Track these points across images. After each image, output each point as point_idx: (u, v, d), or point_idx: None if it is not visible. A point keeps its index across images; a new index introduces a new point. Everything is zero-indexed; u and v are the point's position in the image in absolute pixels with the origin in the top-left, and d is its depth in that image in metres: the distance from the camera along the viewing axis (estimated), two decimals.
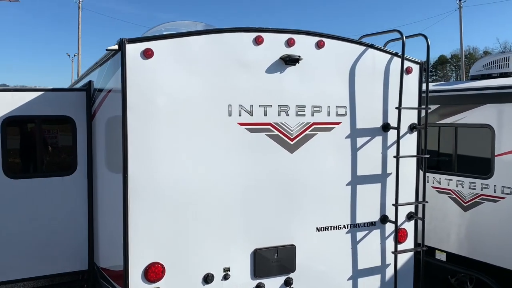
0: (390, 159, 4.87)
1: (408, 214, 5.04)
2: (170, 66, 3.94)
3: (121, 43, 3.76)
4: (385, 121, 4.85)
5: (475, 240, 5.98)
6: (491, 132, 5.76)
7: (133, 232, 3.90)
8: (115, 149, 4.25)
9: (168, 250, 4.03)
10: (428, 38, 4.99)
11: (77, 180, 5.69)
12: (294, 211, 4.49)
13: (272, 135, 4.37)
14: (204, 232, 4.15)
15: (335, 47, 4.56)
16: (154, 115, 3.92)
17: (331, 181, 4.63)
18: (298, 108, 4.46)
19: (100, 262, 5.37)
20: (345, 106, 4.67)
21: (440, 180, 6.41)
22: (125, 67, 3.79)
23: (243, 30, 4.20)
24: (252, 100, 4.26)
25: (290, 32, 4.37)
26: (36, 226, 5.56)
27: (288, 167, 4.44)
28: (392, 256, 4.91)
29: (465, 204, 6.08)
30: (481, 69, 8.19)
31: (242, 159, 4.26)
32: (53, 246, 5.64)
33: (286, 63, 4.34)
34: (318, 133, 4.56)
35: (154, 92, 3.90)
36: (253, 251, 4.34)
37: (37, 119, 5.62)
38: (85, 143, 5.68)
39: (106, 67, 4.65)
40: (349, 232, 4.76)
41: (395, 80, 4.83)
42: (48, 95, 5.64)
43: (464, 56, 42.39)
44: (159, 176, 3.97)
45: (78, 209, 5.69)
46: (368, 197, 4.82)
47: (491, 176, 5.75)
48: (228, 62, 4.15)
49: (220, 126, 4.16)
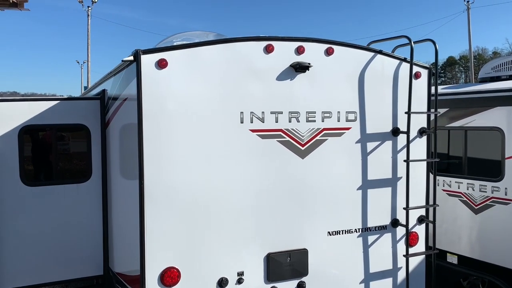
0: (400, 163, 4.92)
1: (419, 218, 5.07)
2: (183, 75, 4.04)
3: (137, 54, 3.87)
4: (394, 126, 4.90)
5: (486, 243, 5.99)
6: (501, 135, 5.78)
7: (149, 237, 4.00)
8: (130, 156, 4.36)
9: (183, 255, 4.12)
10: (436, 43, 5.05)
11: (92, 187, 5.82)
12: (306, 215, 4.56)
13: (283, 141, 4.45)
14: (218, 236, 4.23)
15: (344, 54, 4.64)
16: (169, 123, 4.02)
17: (342, 185, 4.69)
18: (309, 114, 4.54)
19: (115, 267, 5.48)
20: (355, 112, 4.73)
21: (450, 183, 6.43)
22: (141, 77, 3.90)
23: (254, 39, 4.30)
24: (263, 107, 4.35)
25: (300, 40, 4.45)
26: (52, 232, 5.69)
27: (299, 172, 4.51)
28: (403, 260, 4.95)
29: (476, 207, 6.09)
30: (490, 72, 8.19)
31: (254, 165, 4.34)
32: (68, 252, 5.76)
33: (296, 70, 4.43)
34: (328, 139, 4.63)
35: (169, 100, 4.01)
36: (266, 255, 4.42)
37: (53, 127, 5.77)
38: (99, 150, 5.81)
39: (120, 77, 4.77)
40: (360, 236, 4.81)
41: (404, 85, 4.89)
42: (63, 104, 5.79)
43: (473, 57, 42.14)
44: (174, 182, 4.06)
45: (93, 215, 5.82)
46: (379, 201, 4.87)
47: (502, 178, 5.77)
48: (239, 70, 4.25)
49: (232, 133, 4.25)
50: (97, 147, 5.81)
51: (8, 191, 5.51)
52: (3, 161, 5.50)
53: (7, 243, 5.53)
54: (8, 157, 5.52)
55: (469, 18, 35.31)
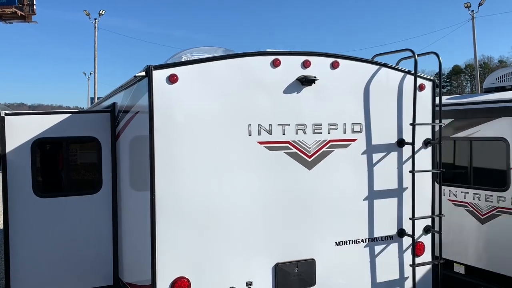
0: (406, 174, 4.99)
1: (425, 228, 5.13)
2: (193, 89, 4.16)
3: (148, 69, 4.00)
4: (400, 137, 4.98)
5: (493, 253, 6.01)
6: (506, 145, 5.83)
7: (160, 247, 4.09)
8: (141, 168, 4.47)
9: (194, 265, 4.20)
10: (440, 56, 5.13)
11: (102, 198, 5.92)
12: (313, 226, 4.63)
13: (291, 152, 4.55)
14: (227, 246, 4.31)
15: (349, 67, 4.74)
16: (179, 135, 4.13)
17: (348, 196, 4.77)
18: (315, 126, 4.63)
19: (125, 277, 5.56)
20: (361, 123, 4.82)
21: (456, 193, 6.47)
22: (152, 92, 4.02)
23: (261, 54, 4.42)
24: (270, 120, 4.46)
25: (306, 54, 4.57)
26: (63, 242, 5.79)
27: (306, 183, 4.59)
28: (410, 269, 4.99)
29: (482, 217, 6.12)
30: (495, 82, 8.25)
31: (262, 177, 4.43)
32: (79, 262, 5.84)
33: (302, 83, 4.54)
34: (334, 150, 4.72)
35: (179, 114, 4.13)
36: (274, 265, 4.49)
37: (65, 140, 5.90)
38: (109, 162, 5.92)
39: (132, 91, 4.90)
40: (367, 246, 4.87)
41: (409, 97, 4.98)
42: (75, 117, 5.92)
43: (478, 66, 42.11)
44: (184, 193, 4.16)
45: (103, 226, 5.91)
46: (385, 211, 4.94)
47: (508, 188, 5.81)
48: (247, 84, 4.36)
49: (240, 145, 4.35)
50: (107, 159, 5.93)
51: (21, 203, 5.63)
52: (16, 173, 5.62)
53: (19, 253, 5.63)
54: (21, 169, 5.64)
55: (473, 27, 35.40)
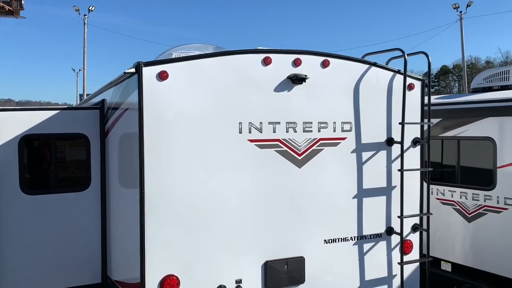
0: (395, 173, 5.03)
1: (413, 226, 5.18)
2: (184, 87, 4.15)
3: (138, 66, 3.98)
4: (389, 136, 5.02)
5: (480, 251, 6.09)
6: (493, 145, 5.91)
7: (149, 245, 4.07)
8: (130, 165, 4.44)
9: (183, 263, 4.19)
10: (429, 55, 5.19)
11: (91, 196, 5.87)
12: (303, 224, 4.65)
13: (281, 150, 4.56)
14: (217, 244, 4.31)
15: (340, 66, 4.77)
16: (169, 133, 4.11)
17: (338, 194, 4.79)
18: (305, 124, 4.65)
19: (114, 275, 5.52)
20: (350, 122, 4.85)
21: (444, 191, 6.54)
22: (142, 88, 4.00)
23: (252, 52, 4.42)
24: (261, 118, 4.46)
25: (297, 52, 4.58)
26: (51, 240, 5.73)
27: (296, 181, 4.61)
28: (398, 267, 5.04)
29: (469, 215, 6.21)
30: (482, 82, 8.35)
31: (253, 174, 4.43)
32: (67, 260, 5.79)
33: (293, 82, 4.54)
34: (324, 148, 4.74)
35: (169, 111, 4.10)
36: (264, 263, 4.49)
37: (53, 137, 5.83)
38: (98, 159, 5.87)
39: (121, 87, 4.86)
40: (356, 244, 4.90)
41: (398, 96, 5.02)
42: (63, 114, 5.86)
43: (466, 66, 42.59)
44: (174, 191, 4.15)
45: (91, 223, 5.86)
46: (374, 209, 4.98)
47: (494, 187, 5.89)
48: (238, 82, 4.36)
49: (231, 143, 4.35)
50: (96, 156, 5.87)
51: (8, 200, 5.56)
52: (3, 169, 5.55)
53: (6, 251, 5.56)
54: (8, 166, 5.57)
55: (461, 28, 35.78)
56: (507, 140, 5.77)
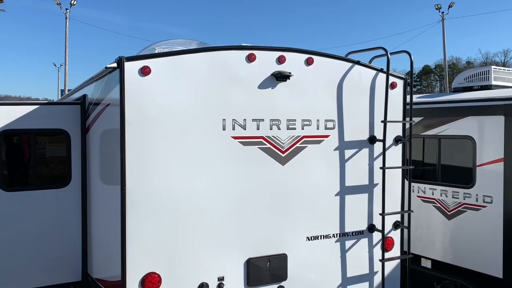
0: (377, 170, 5.08)
1: (394, 223, 5.23)
2: (166, 82, 4.10)
3: (120, 61, 3.91)
4: (371, 134, 5.06)
5: (459, 248, 6.20)
6: (473, 144, 6.01)
7: (131, 242, 4.02)
8: (112, 162, 4.38)
9: (165, 260, 4.15)
10: (411, 55, 5.24)
11: (71, 192, 5.78)
12: (286, 221, 4.65)
13: (264, 148, 4.55)
14: (199, 242, 4.28)
15: (323, 64, 4.78)
16: (151, 129, 4.07)
17: (320, 191, 4.81)
18: (289, 122, 4.65)
19: (95, 272, 5.45)
20: (333, 120, 4.87)
21: (425, 189, 6.63)
22: (124, 84, 3.94)
23: (236, 48, 4.40)
24: (245, 115, 4.44)
25: (281, 50, 4.57)
26: (30, 237, 5.63)
27: (279, 178, 4.61)
28: (379, 264, 5.09)
29: (449, 213, 6.31)
30: (463, 82, 8.50)
31: (236, 172, 4.42)
32: (46, 258, 5.70)
33: (277, 79, 4.54)
34: (308, 146, 4.75)
35: (151, 107, 4.06)
36: (246, 260, 4.49)
37: (32, 132, 5.72)
38: (79, 155, 5.78)
39: (103, 83, 4.79)
40: (338, 240, 4.94)
41: (381, 94, 5.06)
42: (43, 109, 5.75)
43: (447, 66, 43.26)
44: (155, 188, 4.10)
45: (72, 220, 5.78)
46: (356, 206, 5.01)
47: (473, 185, 6.00)
48: (222, 78, 4.33)
49: (214, 139, 4.32)
50: (77, 152, 5.79)
51: None
52: None
53: None
54: None
55: (443, 29, 36.28)
56: (486, 139, 5.88)
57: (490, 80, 8.12)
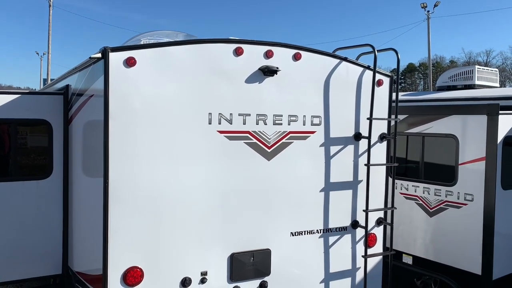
0: (361, 167, 5.10)
1: (377, 220, 5.28)
2: (152, 74, 4.03)
3: (105, 51, 3.83)
4: (357, 131, 5.08)
5: (439, 244, 6.30)
6: (455, 142, 6.09)
7: (113, 236, 3.96)
8: (95, 154, 4.30)
9: (147, 254, 4.11)
10: (398, 53, 5.26)
11: (52, 184, 5.68)
12: (270, 216, 4.65)
13: (250, 143, 4.53)
14: (183, 236, 4.25)
15: (311, 60, 4.76)
16: (135, 121, 4.00)
17: (305, 187, 4.82)
18: (276, 117, 4.63)
19: (75, 266, 5.38)
20: (320, 116, 4.87)
21: (407, 186, 6.70)
22: (108, 75, 3.86)
23: (224, 41, 4.35)
24: (231, 109, 4.41)
25: (269, 44, 4.54)
26: (9, 229, 5.52)
27: (265, 174, 4.60)
28: (362, 260, 5.13)
29: (431, 210, 6.39)
30: (447, 81, 8.61)
31: (221, 166, 4.39)
32: (25, 250, 5.60)
33: (264, 74, 4.51)
34: (294, 141, 4.74)
35: (136, 99, 3.99)
36: (230, 255, 4.47)
37: (13, 122, 5.59)
38: (61, 147, 5.68)
39: (86, 73, 4.69)
40: (322, 236, 4.96)
41: (367, 91, 5.07)
42: (25, 98, 5.62)
43: (431, 65, 43.76)
44: (139, 181, 4.05)
45: (53, 212, 5.68)
46: (340, 203, 5.04)
47: (455, 183, 6.08)
48: (208, 71, 4.28)
49: (200, 133, 4.28)
50: (59, 143, 5.68)
51: None
52: None
53: None
54: None
55: (428, 27, 36.65)
56: (469, 138, 5.96)
57: (474, 80, 8.25)
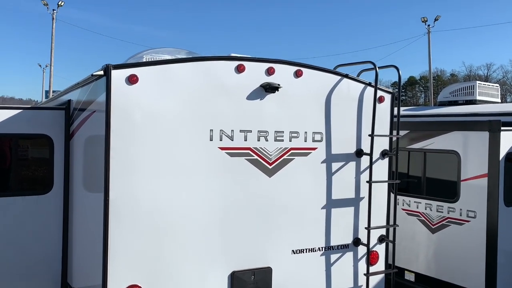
0: (363, 184, 5.08)
1: (379, 237, 5.23)
2: (154, 92, 4.04)
3: (107, 69, 3.84)
4: (358, 147, 5.06)
5: (441, 262, 6.24)
6: (457, 158, 6.07)
7: (113, 253, 3.93)
8: (96, 170, 4.29)
9: (147, 272, 4.07)
10: (400, 69, 5.28)
11: (53, 199, 5.65)
12: (271, 234, 4.61)
13: (252, 159, 4.51)
14: (183, 254, 4.21)
15: (312, 76, 4.77)
16: (137, 139, 4.00)
17: (307, 204, 4.79)
18: (277, 133, 4.62)
19: (74, 282, 5.32)
20: (321, 132, 4.86)
21: (409, 202, 6.67)
22: (110, 92, 3.87)
23: (226, 59, 4.36)
24: (233, 125, 4.40)
25: (270, 61, 4.56)
26: (8, 245, 5.47)
27: (266, 190, 4.57)
28: (364, 278, 5.07)
29: (433, 227, 6.34)
30: (448, 96, 8.62)
31: (222, 183, 4.37)
32: (25, 266, 5.54)
33: (266, 90, 4.51)
34: (295, 158, 4.73)
35: (138, 116, 3.99)
36: (230, 273, 4.43)
37: (14, 137, 5.59)
38: (62, 162, 5.66)
39: (88, 89, 4.70)
40: (323, 254, 4.91)
41: (368, 108, 5.07)
42: (26, 113, 5.62)
43: (432, 78, 43.92)
44: (140, 198, 4.03)
45: (53, 228, 5.64)
46: (342, 220, 5.00)
47: (457, 200, 6.05)
48: (210, 88, 4.29)
49: (201, 150, 4.27)
50: (60, 158, 5.66)
51: None
52: None
53: None
54: None
55: (429, 41, 36.90)
56: (471, 154, 5.94)
57: (475, 95, 8.26)
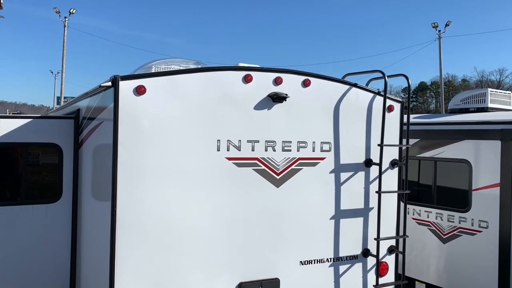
0: (372, 194, 5.01)
1: (389, 248, 5.15)
2: (161, 102, 4.04)
3: (115, 80, 3.86)
4: (367, 157, 5.01)
5: (453, 272, 6.13)
6: (469, 167, 5.98)
7: (120, 264, 3.92)
8: (104, 179, 4.30)
9: (155, 283, 4.05)
10: (409, 78, 5.22)
11: (62, 208, 5.67)
12: (279, 244, 4.57)
13: (259, 169, 4.48)
14: (190, 265, 4.19)
15: (320, 86, 4.74)
16: (144, 149, 4.00)
17: (315, 215, 4.74)
18: (285, 143, 4.59)
19: None
20: (330, 142, 4.82)
21: (420, 212, 6.58)
22: (118, 103, 3.88)
23: (233, 69, 4.36)
24: (240, 136, 4.38)
25: (278, 71, 4.54)
26: (17, 254, 5.50)
27: (274, 201, 4.54)
28: None
29: (444, 236, 6.25)
30: (459, 103, 8.51)
31: (230, 194, 4.34)
32: (33, 276, 5.56)
33: (273, 100, 4.49)
34: (303, 168, 4.69)
35: (145, 127, 3.99)
36: (238, 284, 4.39)
37: (24, 146, 5.63)
38: (71, 170, 5.69)
39: (97, 99, 4.72)
40: (332, 265, 4.85)
41: (378, 117, 5.02)
42: (36, 123, 5.67)
43: (443, 84, 43.57)
44: (147, 209, 4.02)
45: (61, 237, 5.66)
46: (351, 230, 4.93)
47: (469, 209, 5.95)
48: (217, 99, 4.28)
49: (208, 160, 4.25)
50: (69, 167, 5.69)
51: None
52: None
53: None
54: None
55: (440, 47, 36.66)
56: (482, 163, 5.85)
57: (487, 103, 8.14)
